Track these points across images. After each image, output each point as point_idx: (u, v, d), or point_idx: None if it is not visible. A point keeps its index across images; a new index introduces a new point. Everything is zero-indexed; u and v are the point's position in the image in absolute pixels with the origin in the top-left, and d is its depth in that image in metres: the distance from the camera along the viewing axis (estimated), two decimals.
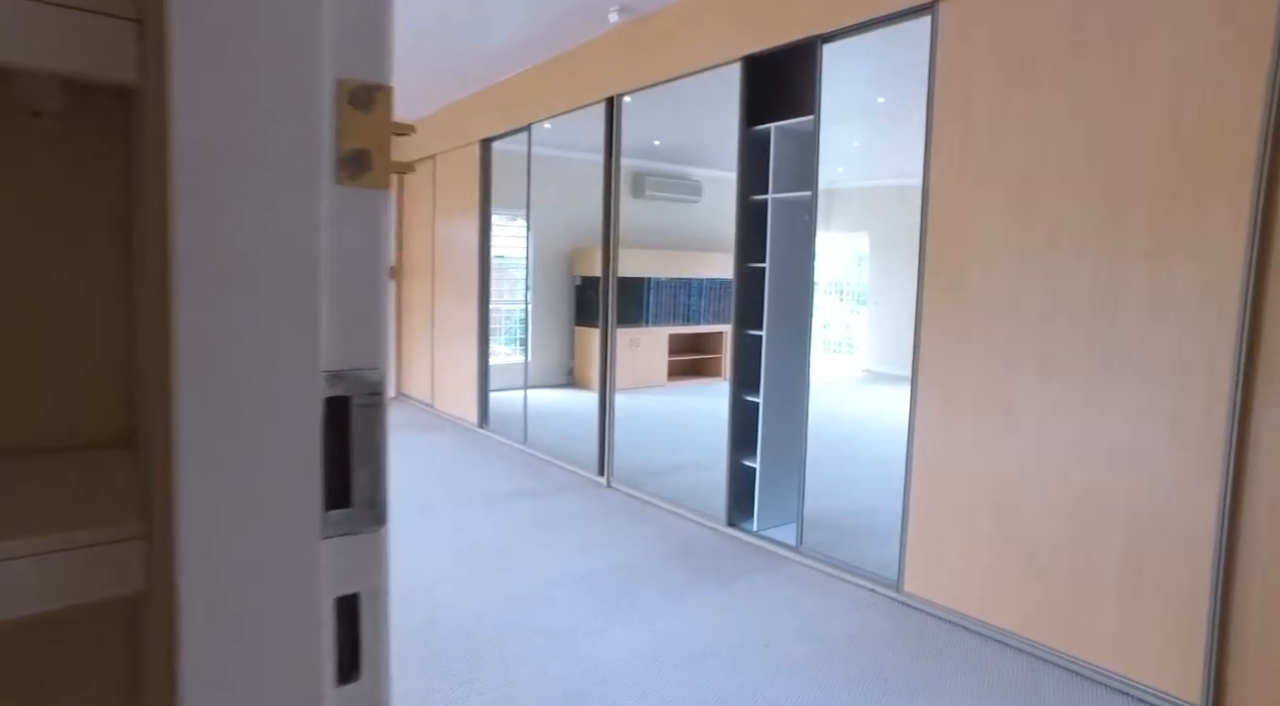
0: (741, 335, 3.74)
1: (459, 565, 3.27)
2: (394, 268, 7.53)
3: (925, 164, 2.83)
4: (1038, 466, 2.51)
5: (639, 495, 4.34)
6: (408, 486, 4.41)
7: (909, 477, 2.92)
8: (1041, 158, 2.48)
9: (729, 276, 4.32)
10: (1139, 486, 2.28)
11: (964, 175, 2.70)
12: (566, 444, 5.15)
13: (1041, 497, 2.50)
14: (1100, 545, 2.37)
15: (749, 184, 3.66)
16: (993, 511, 2.64)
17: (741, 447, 3.79)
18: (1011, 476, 2.58)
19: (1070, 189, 2.41)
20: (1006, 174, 2.57)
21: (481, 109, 5.87)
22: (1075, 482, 2.42)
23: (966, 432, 2.71)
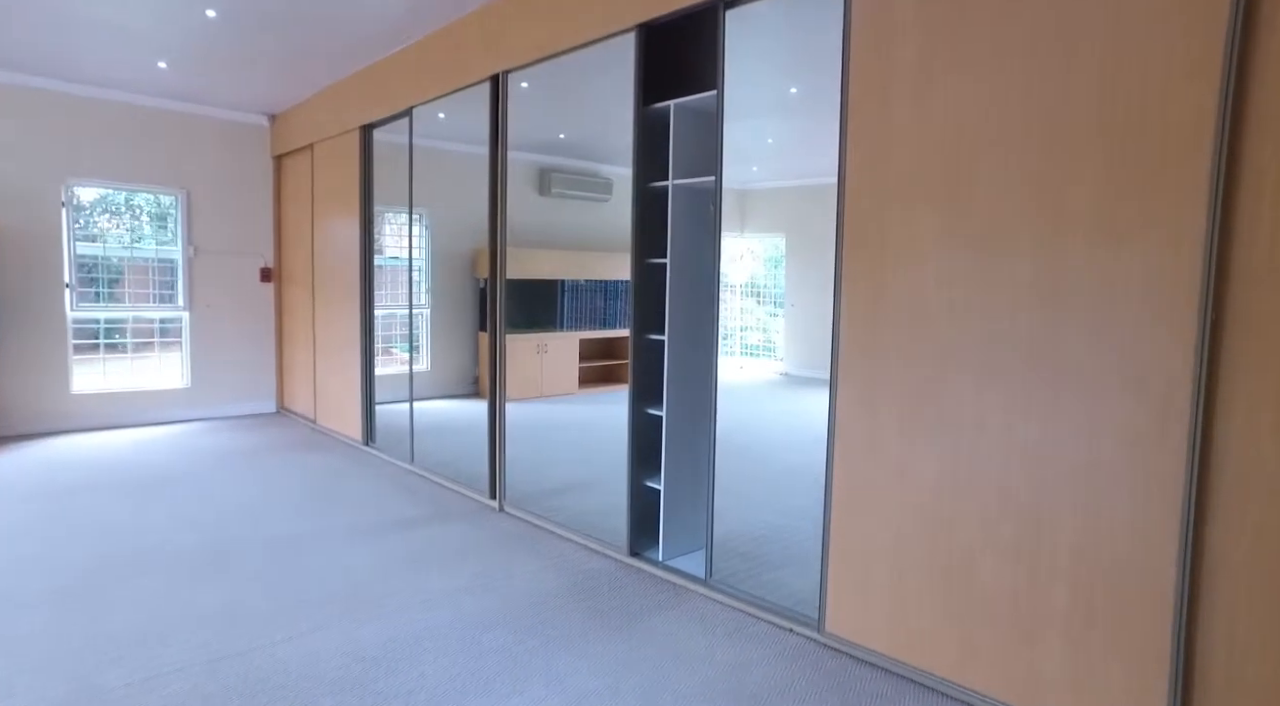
0: (641, 340, 3.33)
1: (310, 617, 2.73)
2: (270, 269, 6.81)
3: (841, 148, 2.47)
4: (974, 486, 2.18)
5: (534, 520, 3.87)
6: (266, 518, 3.81)
7: (828, 498, 2.56)
8: (973, 140, 2.15)
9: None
10: (1089, 508, 1.96)
11: (885, 161, 2.35)
12: (458, 462, 4.64)
13: (980, 522, 2.17)
14: (1046, 575, 2.05)
15: (646, 169, 3.26)
16: (924, 537, 2.30)
17: (644, 467, 3.37)
18: (945, 497, 2.24)
19: (1005, 174, 2.09)
20: (933, 160, 2.24)
21: (360, 93, 5.29)
22: (1018, 505, 2.09)
23: (892, 448, 2.36)
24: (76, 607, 2.79)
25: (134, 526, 3.69)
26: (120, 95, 5.91)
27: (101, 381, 6.16)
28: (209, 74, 5.38)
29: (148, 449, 5.37)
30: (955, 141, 2.18)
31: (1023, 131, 2.05)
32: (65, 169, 5.78)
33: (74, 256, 5.91)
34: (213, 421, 6.42)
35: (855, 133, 2.43)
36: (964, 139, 2.16)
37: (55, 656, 2.45)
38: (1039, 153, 2.02)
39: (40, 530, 3.61)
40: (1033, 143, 2.03)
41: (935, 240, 2.23)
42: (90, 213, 6.22)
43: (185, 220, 6.35)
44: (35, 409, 5.77)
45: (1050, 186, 2.00)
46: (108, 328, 6.22)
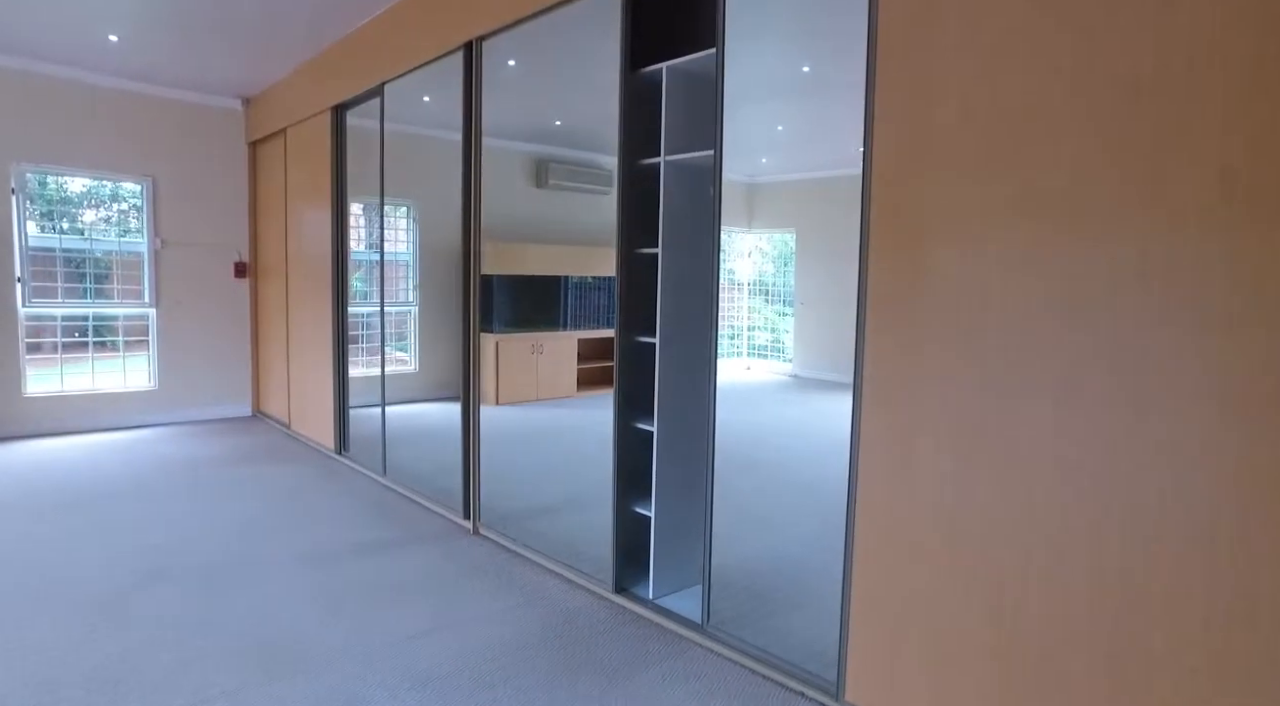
0: (628, 343, 2.87)
1: (219, 677, 2.28)
2: (245, 264, 6.38)
3: (867, 112, 2.01)
4: (1050, 541, 1.71)
5: (510, 545, 3.42)
6: (205, 543, 3.38)
7: (850, 539, 2.10)
8: (1041, 91, 1.68)
9: None
10: (1195, 568, 1.50)
11: (922, 125, 1.89)
12: (436, 476, 4.19)
13: (1048, 577, 1.71)
14: (1140, 655, 1.58)
15: (635, 144, 2.80)
16: (974, 598, 1.84)
17: (632, 490, 2.92)
18: (1004, 551, 1.78)
19: (1103, 124, 1.62)
20: (997, 106, 1.77)
21: (331, 70, 4.85)
22: (1098, 560, 1.63)
23: (933, 484, 1.90)
24: None
25: (44, 554, 3.26)
26: (78, 73, 5.47)
27: (58, 383, 5.74)
28: (166, 49, 4.94)
29: (100, 458, 4.94)
30: (1014, 96, 1.71)
31: (1108, 79, 1.57)
32: (14, 152, 5.35)
33: (25, 248, 5.49)
34: (181, 426, 5.99)
35: (888, 72, 1.96)
36: (1028, 91, 1.69)
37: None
38: (1157, 95, 1.55)
39: None
40: (1145, 81, 1.56)
41: (997, 216, 1.77)
42: (48, 202, 5.80)
43: (151, 210, 5.92)
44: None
45: (1174, 142, 1.53)
46: (66, 326, 5.80)
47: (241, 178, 6.30)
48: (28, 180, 5.47)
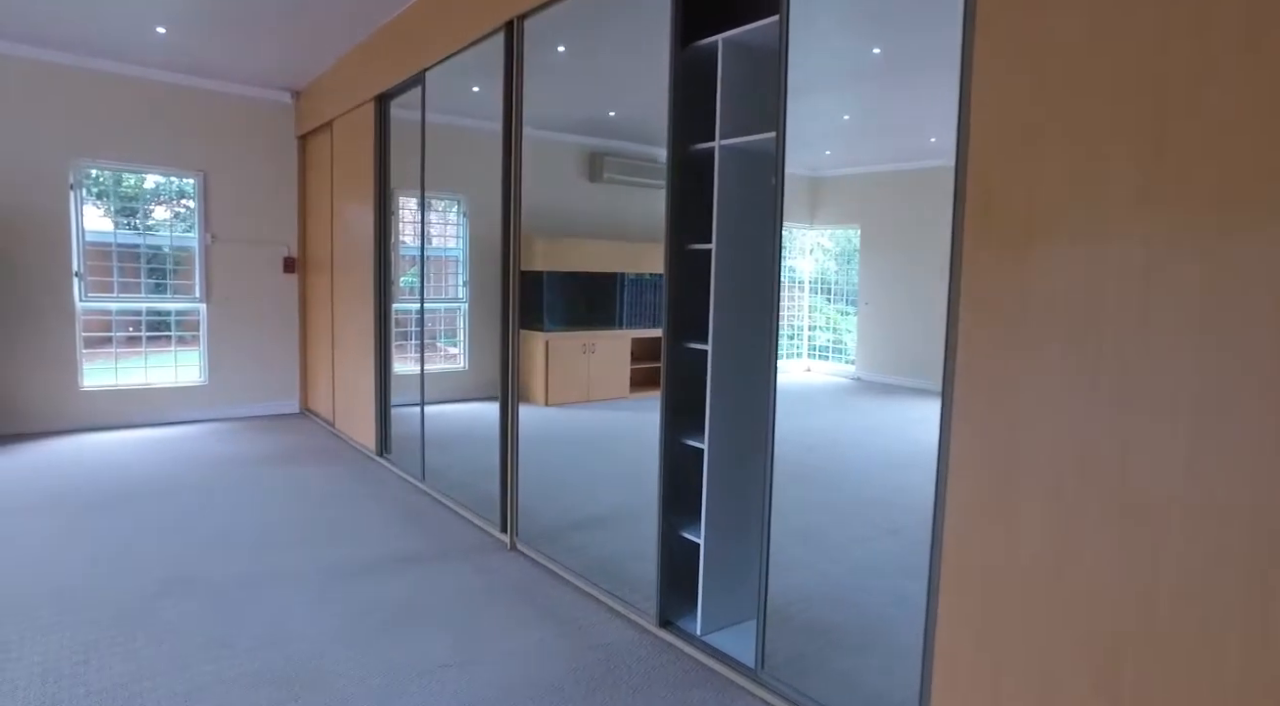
0: (677, 350, 2.58)
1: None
2: (294, 259, 6.32)
3: (962, 90, 1.68)
4: (1168, 592, 1.36)
5: (549, 564, 3.18)
6: (232, 551, 3.23)
7: (934, 578, 1.77)
8: (1197, 43, 1.32)
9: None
10: None
11: (1029, 101, 1.55)
12: (476, 482, 3.98)
13: (1179, 651, 1.36)
14: None
15: (686, 128, 2.50)
16: (1081, 659, 1.49)
17: (680, 513, 2.63)
18: (1114, 604, 1.43)
19: (1242, 106, 1.26)
20: (1113, 88, 1.42)
21: (374, 58, 4.68)
22: (1243, 635, 1.27)
23: (1035, 520, 1.56)
24: None
25: (75, 554, 3.15)
26: (130, 69, 5.46)
27: (114, 378, 5.77)
28: (214, 40, 4.85)
29: (147, 454, 4.90)
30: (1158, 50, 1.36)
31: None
32: (73, 148, 5.37)
33: (84, 243, 5.51)
34: (229, 422, 5.96)
35: (988, 38, 1.62)
36: (1181, 44, 1.34)
37: None
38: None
39: None
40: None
41: (1122, 205, 1.42)
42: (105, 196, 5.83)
43: (202, 205, 5.89)
44: (42, 406, 5.39)
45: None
46: (120, 320, 5.82)
47: (291, 172, 6.23)
48: (90, 176, 5.49)
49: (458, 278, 6.85)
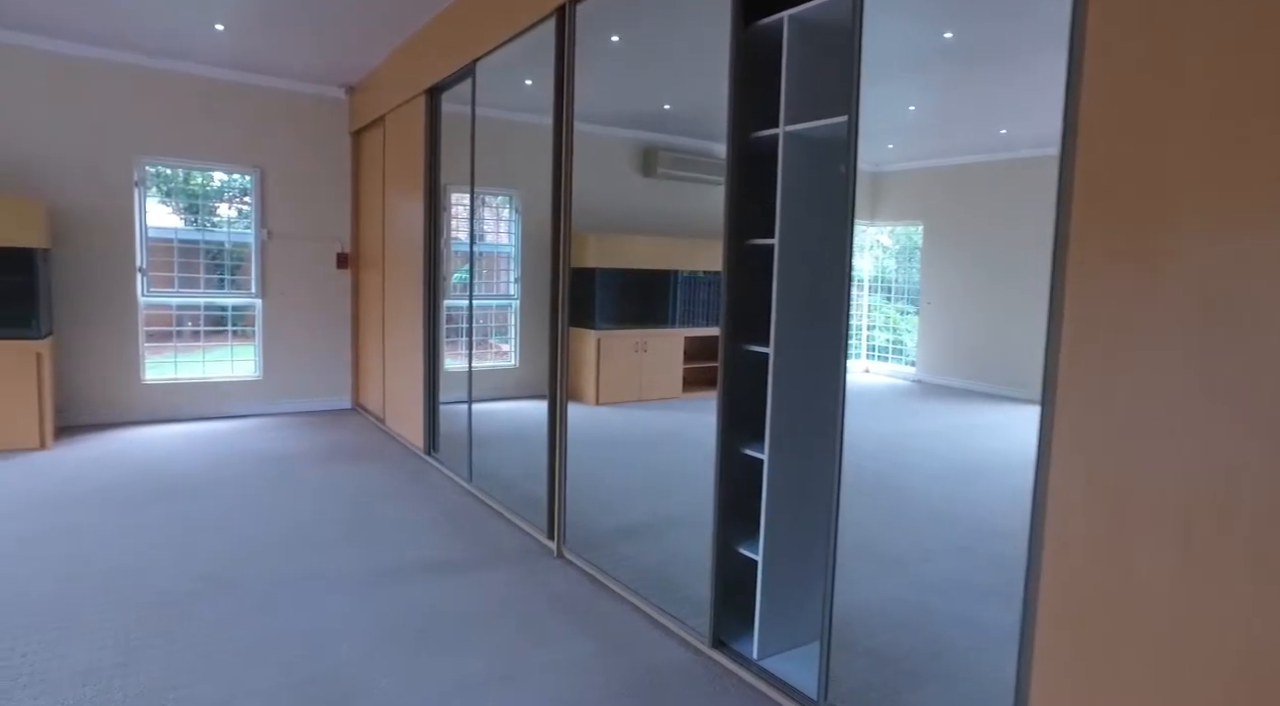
0: (735, 352, 2.41)
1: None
2: (347, 255, 6.33)
3: (1071, 59, 1.47)
4: None
5: (597, 574, 3.04)
6: (272, 550, 3.18)
7: (1030, 608, 1.57)
8: None
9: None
10: None
11: (1158, 67, 1.33)
12: (524, 484, 3.88)
13: None
14: None
15: (748, 114, 2.33)
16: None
17: (736, 526, 2.46)
18: (1257, 676, 1.22)
19: None
20: (1270, 43, 1.20)
21: (424, 51, 4.61)
22: None
23: (1155, 564, 1.34)
24: None
25: (120, 549, 3.14)
26: (193, 68, 5.53)
27: (173, 371, 5.86)
28: (270, 36, 4.86)
29: (201, 448, 4.94)
30: None
31: None
32: (137, 146, 5.46)
33: (146, 238, 5.60)
34: (282, 417, 6.00)
35: None
36: None
37: None
38: None
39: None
40: None
41: (1275, 189, 1.20)
42: (177, 194, 5.92)
43: (259, 201, 5.94)
44: (106, 398, 5.51)
45: None
46: (180, 314, 5.91)
47: (345, 168, 6.24)
48: (160, 174, 5.57)
49: (509, 274, 6.79)
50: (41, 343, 4.75)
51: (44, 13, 4.54)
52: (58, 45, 5.10)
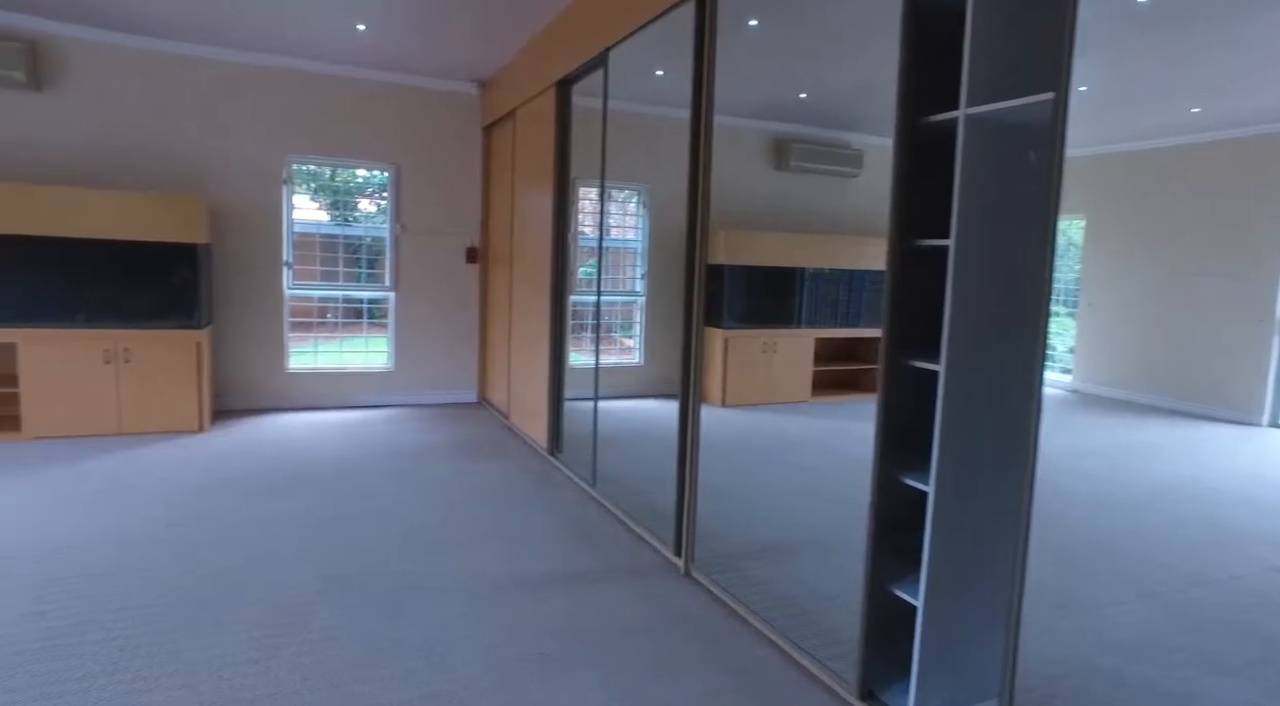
0: (897, 367, 2.12)
1: None
2: (476, 250, 6.39)
3: None
4: None
5: (727, 598, 2.82)
6: (386, 549, 3.16)
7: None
8: None
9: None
10: None
11: None
12: (650, 490, 3.73)
13: None
14: None
15: (920, 93, 2.03)
16: None
17: (893, 564, 2.18)
18: None
19: None
20: None
21: (555, 43, 4.52)
22: None
23: None
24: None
25: (248, 542, 3.21)
26: (335, 68, 5.72)
27: (313, 361, 6.11)
28: (409, 34, 4.92)
29: (333, 437, 5.10)
30: None
31: None
32: (285, 146, 5.70)
33: (292, 234, 5.85)
34: (411, 409, 6.14)
35: None
36: None
37: None
38: None
39: (116, 533, 3.24)
40: None
41: None
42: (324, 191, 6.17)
43: (394, 196, 6.08)
44: (253, 385, 5.81)
45: None
46: (320, 306, 6.16)
47: (476, 163, 6.30)
48: (308, 171, 5.82)
49: (636, 270, 6.67)
50: (201, 332, 5.03)
51: (203, 23, 4.79)
52: (214, 52, 5.38)
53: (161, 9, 4.60)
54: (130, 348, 4.89)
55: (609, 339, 6.52)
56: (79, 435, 4.83)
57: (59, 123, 5.12)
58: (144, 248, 4.87)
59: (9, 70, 4.82)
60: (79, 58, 5.11)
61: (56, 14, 4.83)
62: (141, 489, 3.86)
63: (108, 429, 4.89)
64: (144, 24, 4.93)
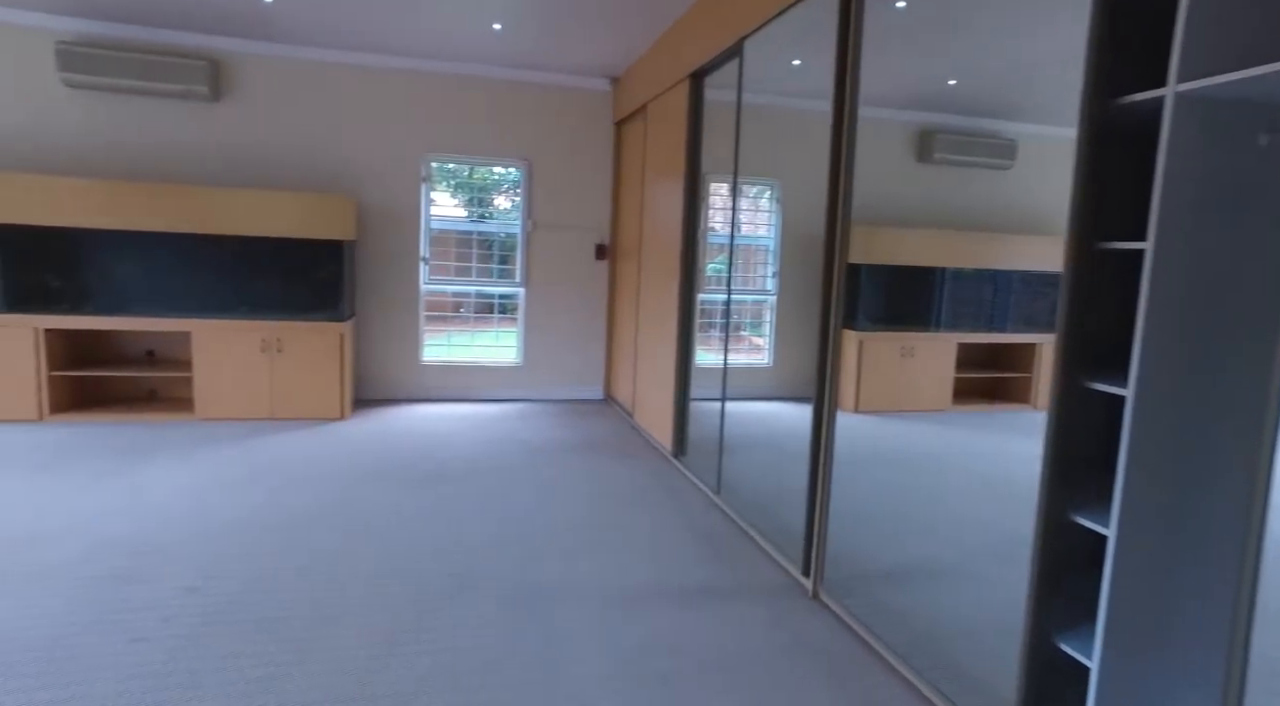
0: (1073, 388, 1.84)
1: None
2: (606, 246, 6.38)
3: None
4: None
5: (857, 628, 2.61)
6: (532, 553, 3.14)
7: None
8: None
9: (1051, 269, 2.52)
10: None
11: None
12: (776, 501, 3.54)
13: None
14: None
15: (1112, 70, 1.74)
16: None
17: (1058, 613, 1.90)
18: None
19: None
20: None
21: (688, 34, 4.38)
22: None
23: None
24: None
25: (378, 535, 3.28)
26: (470, 68, 5.85)
27: (445, 354, 6.31)
28: (543, 31, 4.93)
29: (460, 431, 5.22)
30: None
31: None
32: (423, 145, 5.90)
33: (429, 230, 6.06)
34: (538, 404, 6.22)
35: None
36: None
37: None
38: None
39: (264, 516, 3.38)
40: None
41: None
42: (463, 188, 6.37)
43: (527, 193, 6.16)
44: (391, 376, 6.07)
45: None
46: (453, 302, 6.34)
47: (606, 159, 6.28)
48: (447, 169, 6.02)
49: (766, 268, 6.44)
50: (345, 325, 5.29)
51: (353, 31, 5.00)
52: (361, 58, 5.63)
53: (318, 21, 4.85)
54: (282, 338, 5.21)
55: (737, 338, 6.33)
56: (238, 418, 5.20)
57: (232, 130, 5.53)
58: (298, 244, 5.17)
59: (195, 85, 5.27)
60: (248, 70, 5.50)
61: (233, 31, 5.20)
62: (289, 474, 4.08)
63: (261, 413, 5.24)
64: (303, 35, 5.22)
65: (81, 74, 5.12)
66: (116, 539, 3.11)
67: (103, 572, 2.80)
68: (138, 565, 2.87)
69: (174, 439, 4.67)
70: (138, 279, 5.05)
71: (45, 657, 2.24)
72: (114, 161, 5.39)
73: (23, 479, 3.79)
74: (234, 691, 2.11)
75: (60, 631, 2.38)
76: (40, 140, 5.27)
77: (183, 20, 5.05)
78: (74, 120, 5.31)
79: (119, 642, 2.33)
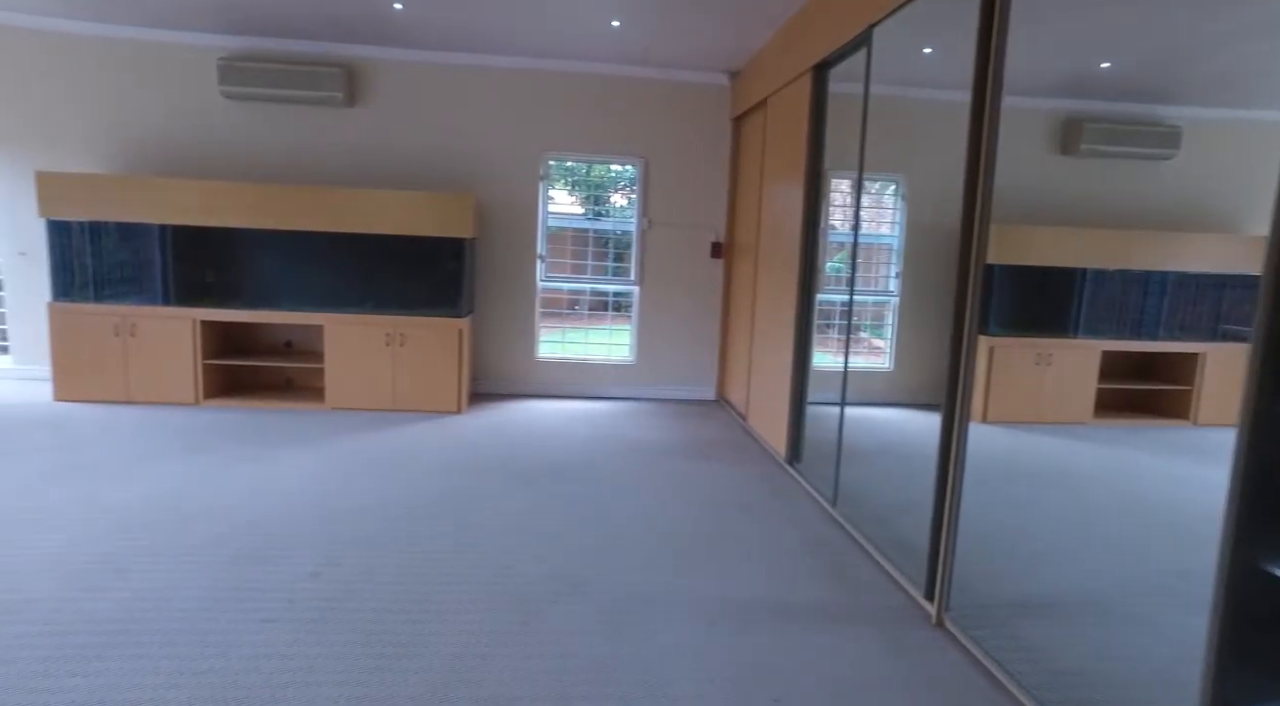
0: (1269, 415, 1.58)
1: None
2: (721, 244, 6.25)
3: None
4: None
5: (987, 663, 2.39)
6: (641, 561, 3.09)
7: None
8: None
9: (1219, 269, 2.30)
10: None
11: None
12: (898, 516, 3.34)
13: None
14: None
15: None
16: None
17: (1244, 677, 1.64)
18: None
19: None
20: None
21: (811, 24, 4.19)
22: None
23: None
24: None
25: (486, 533, 3.30)
26: (588, 66, 5.87)
27: (561, 350, 6.38)
28: (661, 26, 4.87)
29: (572, 428, 5.24)
30: None
31: None
32: (543, 144, 5.97)
33: (546, 228, 6.13)
34: (650, 403, 6.18)
35: None
36: None
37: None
38: None
39: (385, 505, 3.46)
40: None
41: None
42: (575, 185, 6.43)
43: (642, 190, 6.13)
44: (507, 371, 6.20)
45: None
46: (569, 299, 6.39)
47: (723, 155, 6.15)
48: (566, 167, 6.10)
49: (889, 268, 6.13)
50: (463, 320, 5.43)
51: (478, 34, 5.12)
52: (483, 59, 5.77)
53: (445, 25, 4.99)
54: (405, 333, 5.41)
55: (856, 340, 6.06)
56: (363, 408, 5.44)
57: (363, 132, 5.80)
58: (422, 242, 5.35)
59: (332, 92, 5.58)
60: (379, 75, 5.75)
61: (365, 39, 5.45)
62: (410, 465, 4.22)
63: (384, 405, 5.46)
64: (430, 39, 5.40)
65: (237, 86, 5.52)
66: (252, 521, 3.29)
67: (241, 552, 2.97)
68: (269, 548, 3.03)
69: (305, 426, 4.93)
70: (278, 275, 5.38)
71: (191, 629, 2.38)
72: (259, 165, 5.78)
73: (179, 460, 4.10)
74: (348, 680, 2.16)
75: (205, 606, 2.53)
76: (204, 149, 5.73)
77: (321, 31, 5.33)
78: (229, 129, 5.73)
79: (251, 621, 2.45)
